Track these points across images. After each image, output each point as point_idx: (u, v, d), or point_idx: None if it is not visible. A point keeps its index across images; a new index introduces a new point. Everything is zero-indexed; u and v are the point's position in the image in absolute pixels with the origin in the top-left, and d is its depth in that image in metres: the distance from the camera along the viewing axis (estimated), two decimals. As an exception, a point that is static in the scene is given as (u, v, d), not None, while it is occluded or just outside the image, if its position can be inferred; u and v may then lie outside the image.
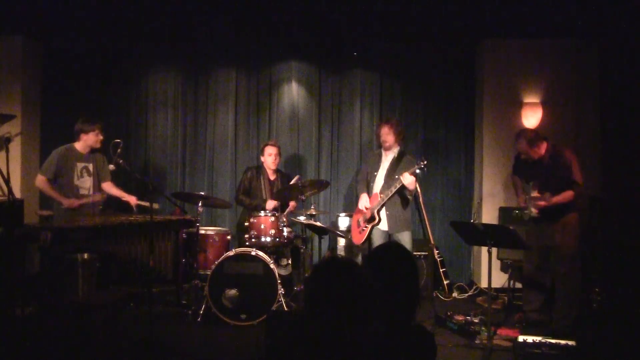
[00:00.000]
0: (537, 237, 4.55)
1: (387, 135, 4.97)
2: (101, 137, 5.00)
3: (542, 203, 4.39)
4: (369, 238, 4.97)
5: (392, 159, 5.00)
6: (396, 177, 4.80)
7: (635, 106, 5.44)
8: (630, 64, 5.51)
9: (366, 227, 4.94)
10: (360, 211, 5.01)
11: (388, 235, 4.94)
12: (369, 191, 5.04)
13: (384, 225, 4.91)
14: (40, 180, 4.87)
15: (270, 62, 6.43)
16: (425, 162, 4.65)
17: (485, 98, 6.07)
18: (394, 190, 4.77)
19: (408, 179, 4.67)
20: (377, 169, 5.05)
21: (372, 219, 4.90)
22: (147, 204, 4.93)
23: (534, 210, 4.45)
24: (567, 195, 4.38)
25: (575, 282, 4.50)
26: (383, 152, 5.08)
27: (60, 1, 5.55)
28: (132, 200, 5.05)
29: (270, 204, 5.32)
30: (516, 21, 5.69)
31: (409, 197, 4.93)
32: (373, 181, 5.03)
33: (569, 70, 5.97)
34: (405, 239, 4.90)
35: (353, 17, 5.91)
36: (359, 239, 5.04)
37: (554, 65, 5.97)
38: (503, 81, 6.01)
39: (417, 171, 4.68)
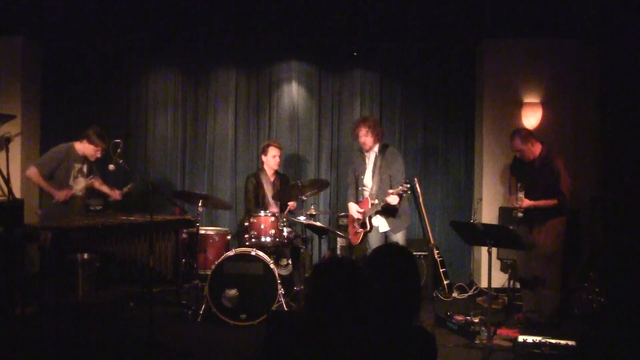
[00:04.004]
0: (525, 236, 4.59)
1: (366, 136, 4.83)
2: (99, 156, 4.98)
3: (518, 204, 4.50)
4: (365, 240, 4.95)
5: (375, 158, 4.91)
6: (385, 182, 4.76)
7: (635, 106, 5.44)
8: (631, 64, 5.51)
9: (359, 230, 4.92)
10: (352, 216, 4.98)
11: (384, 236, 4.89)
12: (358, 194, 5.00)
13: (383, 227, 4.86)
14: (34, 172, 4.81)
15: (270, 62, 6.43)
16: (408, 187, 4.50)
17: (485, 98, 6.07)
18: (381, 204, 4.68)
19: (393, 200, 4.57)
20: (363, 172, 4.98)
21: (364, 225, 4.85)
22: (127, 189, 5.09)
23: (519, 210, 4.53)
24: (550, 202, 4.49)
25: (553, 283, 4.58)
26: (365, 153, 4.98)
27: (60, 1, 5.55)
28: (116, 195, 5.07)
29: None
30: (516, 21, 5.69)
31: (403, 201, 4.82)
32: (361, 184, 4.98)
33: (569, 70, 5.97)
34: (398, 240, 4.84)
35: (353, 17, 5.91)
36: (354, 239, 5.04)
37: (554, 65, 5.97)
38: (503, 81, 6.01)
39: (402, 194, 4.57)
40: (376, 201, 4.76)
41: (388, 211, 4.79)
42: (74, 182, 4.93)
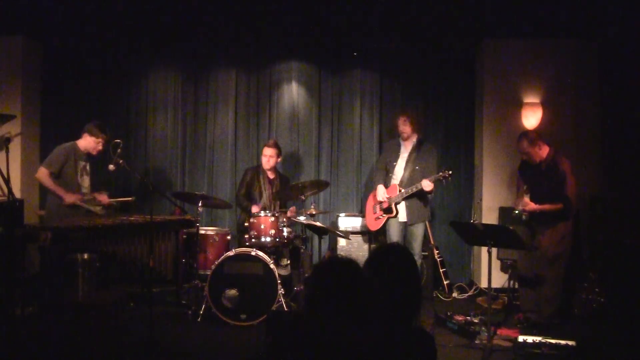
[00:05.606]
0: (528, 237, 4.59)
1: (404, 126, 5.11)
2: (100, 148, 4.97)
3: (520, 207, 4.52)
4: (384, 227, 5.13)
5: (411, 148, 5.13)
6: (417, 173, 4.98)
7: (635, 106, 5.44)
8: (631, 64, 5.51)
9: (382, 216, 5.08)
10: (377, 199, 5.13)
11: (405, 225, 5.07)
12: (387, 181, 5.13)
13: (402, 216, 5.04)
14: (43, 173, 4.77)
15: (270, 62, 6.43)
16: (450, 173, 4.78)
17: (485, 98, 6.06)
18: (414, 189, 4.89)
19: (427, 186, 4.80)
20: (396, 159, 5.15)
21: (389, 210, 5.02)
22: (127, 199, 5.25)
23: (524, 213, 4.54)
24: (555, 206, 4.48)
25: (554, 283, 4.58)
26: (402, 142, 5.19)
27: (60, 1, 5.56)
28: (104, 199, 5.05)
29: (255, 208, 5.29)
30: (516, 21, 5.70)
31: (428, 196, 5.07)
32: (392, 171, 5.13)
33: (569, 70, 5.96)
34: (418, 231, 5.06)
35: (353, 17, 5.92)
36: (374, 225, 5.21)
37: (554, 65, 5.97)
38: (503, 81, 6.01)
39: (442, 180, 4.83)
40: (403, 190, 4.95)
41: (412, 201, 4.98)
42: (81, 180, 4.93)
